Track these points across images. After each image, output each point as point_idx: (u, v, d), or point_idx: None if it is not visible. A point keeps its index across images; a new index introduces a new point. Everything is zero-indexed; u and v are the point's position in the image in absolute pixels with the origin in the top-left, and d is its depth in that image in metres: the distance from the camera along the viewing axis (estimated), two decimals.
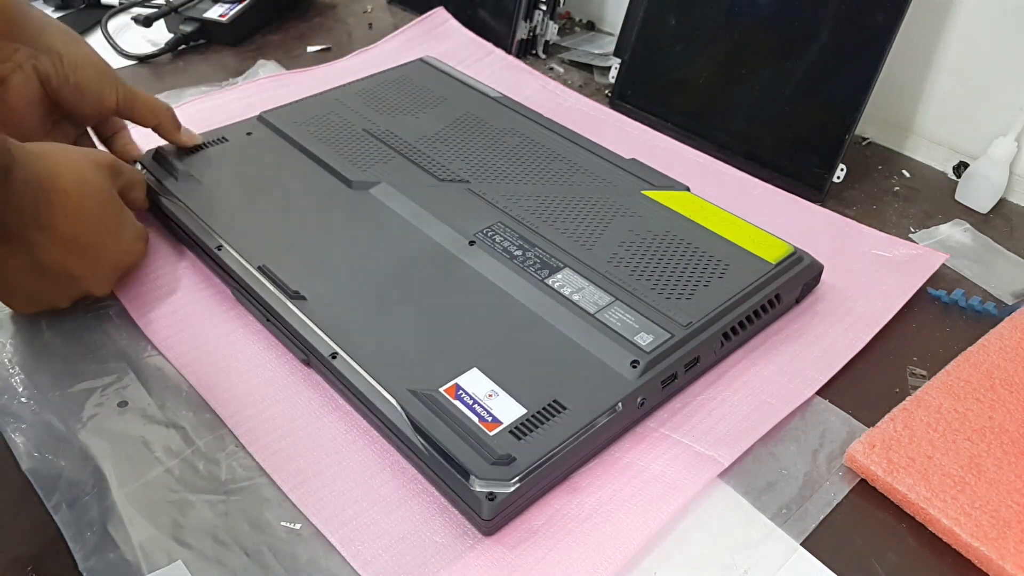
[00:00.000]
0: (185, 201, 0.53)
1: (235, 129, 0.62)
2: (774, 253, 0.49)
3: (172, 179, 0.56)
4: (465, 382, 0.41)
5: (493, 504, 0.36)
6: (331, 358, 0.43)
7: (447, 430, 0.39)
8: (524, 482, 0.37)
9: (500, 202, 0.54)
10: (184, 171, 0.56)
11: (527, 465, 0.37)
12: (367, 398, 0.41)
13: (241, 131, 0.62)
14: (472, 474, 0.37)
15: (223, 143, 0.60)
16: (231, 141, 0.60)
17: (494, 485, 0.37)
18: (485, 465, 0.37)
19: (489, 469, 0.37)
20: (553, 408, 0.40)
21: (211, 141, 0.60)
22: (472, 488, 0.36)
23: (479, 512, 0.37)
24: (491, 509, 0.36)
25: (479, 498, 0.36)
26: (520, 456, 0.38)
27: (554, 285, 0.47)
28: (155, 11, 0.82)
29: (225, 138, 0.61)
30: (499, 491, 0.36)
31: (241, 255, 0.49)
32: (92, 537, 0.37)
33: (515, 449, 0.38)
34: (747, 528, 0.39)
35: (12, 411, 0.43)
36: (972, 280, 0.55)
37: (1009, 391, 0.45)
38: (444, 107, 0.65)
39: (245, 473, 0.41)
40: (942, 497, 0.39)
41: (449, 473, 0.37)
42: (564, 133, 0.62)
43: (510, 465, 0.37)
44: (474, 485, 0.36)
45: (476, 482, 0.37)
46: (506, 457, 0.37)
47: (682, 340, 0.43)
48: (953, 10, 0.64)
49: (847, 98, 0.60)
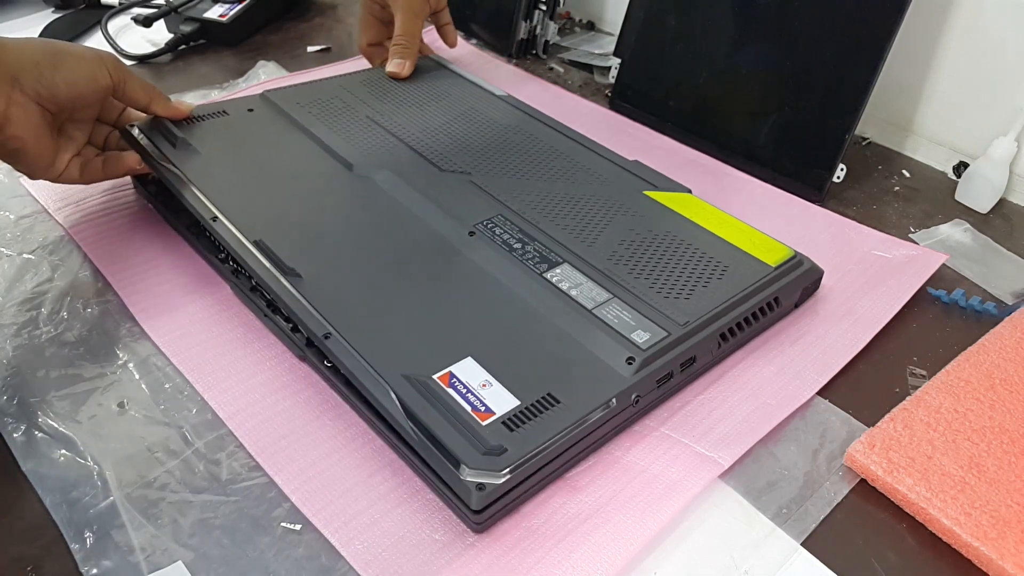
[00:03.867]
0: (182, 169, 0.53)
1: (237, 104, 0.62)
2: (774, 256, 0.49)
3: (170, 146, 0.55)
4: (459, 370, 0.41)
5: (482, 495, 0.36)
6: (324, 338, 0.42)
7: (439, 417, 0.38)
8: (515, 473, 0.37)
9: (501, 195, 0.54)
10: (182, 139, 0.55)
11: (518, 457, 0.37)
12: (359, 381, 0.40)
13: (243, 107, 0.61)
14: (463, 463, 0.36)
15: (223, 116, 0.60)
16: (232, 115, 0.60)
17: (484, 475, 0.36)
18: (476, 455, 0.37)
19: (480, 459, 0.36)
20: (547, 401, 0.40)
21: (211, 113, 0.60)
22: (462, 478, 0.36)
23: (468, 502, 0.36)
24: (480, 499, 0.36)
25: (468, 488, 0.36)
26: (512, 447, 0.37)
27: (552, 279, 0.47)
28: (155, 11, 0.82)
29: (226, 112, 0.60)
30: (489, 482, 0.36)
31: (237, 228, 0.49)
32: (92, 537, 0.37)
33: (507, 440, 0.37)
34: (747, 528, 0.39)
35: (12, 411, 0.43)
36: (972, 280, 0.55)
37: (1009, 391, 0.45)
38: (448, 101, 0.65)
39: (245, 473, 0.41)
40: (942, 497, 0.39)
41: (439, 461, 0.37)
42: (567, 132, 0.62)
43: (501, 456, 0.37)
44: (464, 475, 0.36)
45: (466, 472, 0.36)
46: (498, 447, 0.37)
47: (678, 339, 0.43)
48: (953, 10, 0.64)
49: (847, 98, 0.61)
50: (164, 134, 0.56)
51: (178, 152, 0.55)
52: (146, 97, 0.56)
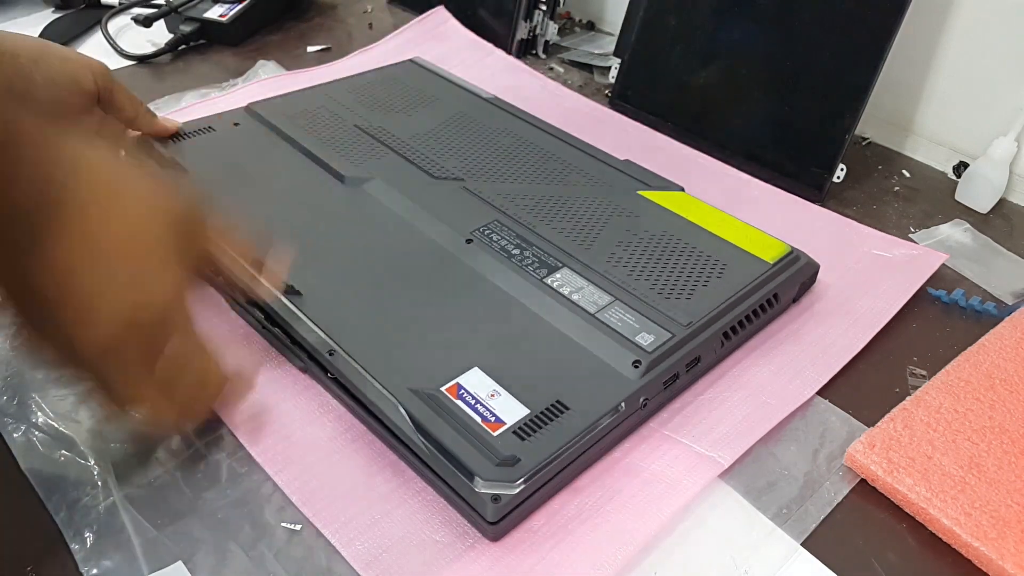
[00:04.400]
0: None
1: (222, 120, 0.61)
2: (771, 253, 0.49)
3: (155, 166, 0.55)
4: (466, 381, 0.41)
5: (498, 506, 0.36)
6: (329, 355, 0.42)
7: (450, 430, 0.38)
8: (529, 483, 0.37)
9: (496, 200, 0.54)
10: (169, 158, 0.55)
11: (532, 466, 0.37)
12: (367, 397, 0.40)
13: (228, 121, 0.61)
14: (477, 475, 0.36)
15: (209, 132, 0.59)
16: (218, 131, 0.60)
17: (499, 487, 0.36)
18: (490, 466, 0.36)
19: (494, 470, 0.36)
20: (556, 408, 0.40)
21: (197, 130, 0.59)
22: (476, 490, 0.36)
23: (484, 514, 0.36)
24: (495, 511, 0.36)
25: (483, 500, 0.36)
26: (525, 457, 0.37)
27: (553, 284, 0.47)
28: (155, 11, 0.82)
29: (212, 128, 0.60)
30: (504, 493, 0.36)
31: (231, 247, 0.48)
32: (92, 537, 0.37)
33: (519, 450, 0.37)
34: (747, 528, 0.39)
35: (12, 411, 0.43)
36: (972, 280, 0.55)
37: (1009, 391, 0.45)
38: (436, 106, 0.65)
39: (245, 473, 0.41)
40: (942, 497, 0.39)
41: (452, 474, 0.37)
42: (557, 134, 0.62)
43: (515, 466, 0.37)
44: (479, 487, 0.36)
45: (481, 484, 0.36)
46: (511, 458, 0.37)
47: (683, 340, 0.43)
48: (953, 10, 0.64)
49: (847, 98, 0.60)
50: (152, 156, 0.55)
51: (164, 172, 0.54)
52: (133, 110, 0.54)
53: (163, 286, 0.35)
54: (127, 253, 0.34)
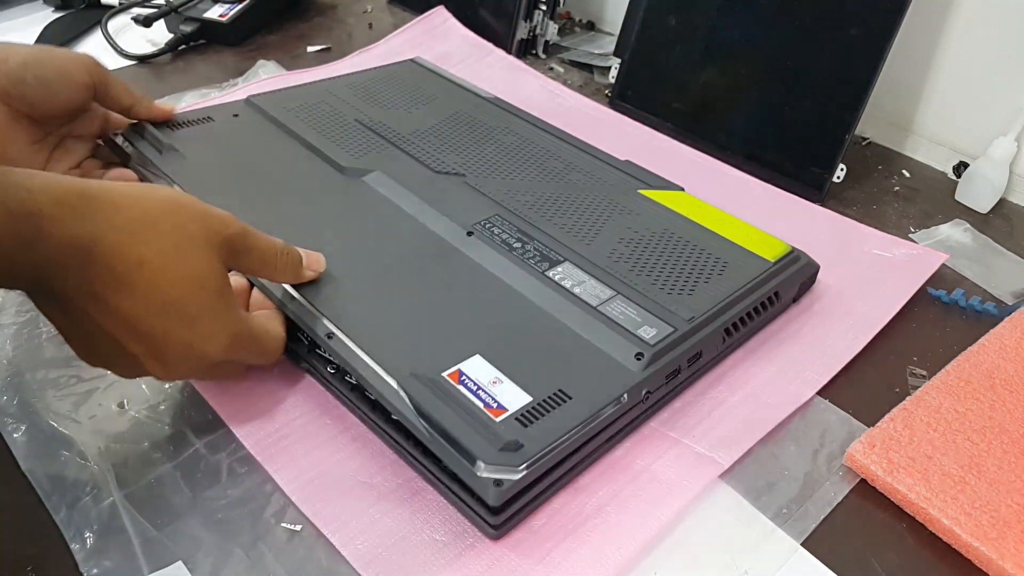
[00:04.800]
0: (170, 175, 0.52)
1: (222, 110, 0.61)
2: (772, 251, 0.50)
3: (156, 152, 0.55)
4: (468, 368, 0.41)
5: (500, 491, 0.35)
6: (327, 338, 0.42)
7: (451, 414, 0.37)
8: (531, 469, 0.36)
9: (497, 196, 0.54)
10: (168, 145, 0.55)
11: (535, 452, 0.36)
12: (366, 380, 0.40)
13: (228, 112, 0.61)
14: (479, 459, 0.36)
15: (208, 122, 0.59)
16: (217, 121, 0.60)
17: (501, 471, 0.35)
18: (492, 451, 0.36)
19: (497, 455, 0.36)
20: (559, 397, 0.39)
21: (197, 119, 0.59)
22: (479, 474, 0.35)
23: (485, 499, 0.36)
24: (498, 496, 0.35)
25: (486, 484, 0.35)
26: (528, 443, 0.37)
27: (555, 277, 0.47)
28: (155, 11, 0.82)
29: (211, 118, 0.60)
30: (506, 477, 0.35)
31: None
32: (92, 537, 0.37)
33: (522, 436, 0.37)
34: (747, 528, 0.39)
35: (12, 411, 0.43)
36: (972, 280, 0.55)
37: (1009, 391, 0.45)
38: (436, 104, 0.65)
39: (245, 473, 0.41)
40: (942, 497, 0.39)
41: (454, 459, 0.36)
42: (558, 133, 0.62)
43: (518, 451, 0.36)
44: (481, 471, 0.35)
45: (483, 468, 0.35)
46: (514, 443, 0.36)
47: (685, 334, 0.43)
48: (953, 10, 0.64)
49: (847, 98, 0.61)
50: (150, 141, 0.56)
51: (164, 158, 0.54)
52: (129, 98, 0.54)
53: (225, 321, 0.38)
54: (189, 298, 0.36)
